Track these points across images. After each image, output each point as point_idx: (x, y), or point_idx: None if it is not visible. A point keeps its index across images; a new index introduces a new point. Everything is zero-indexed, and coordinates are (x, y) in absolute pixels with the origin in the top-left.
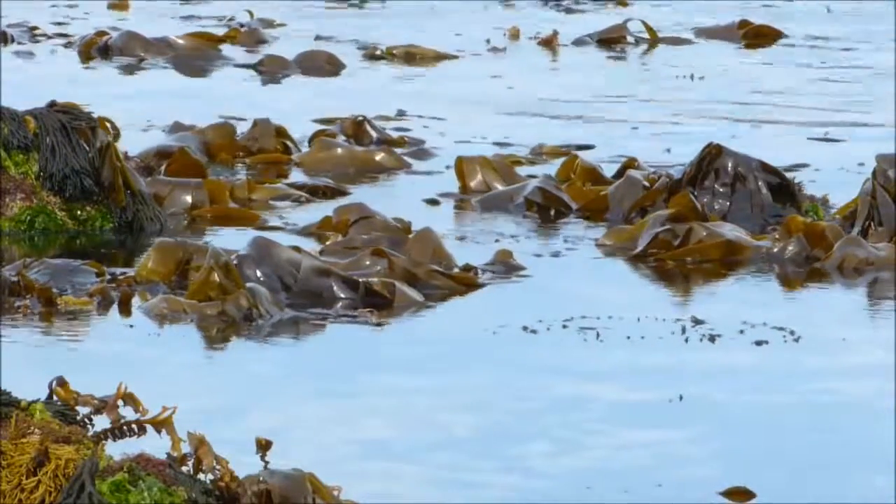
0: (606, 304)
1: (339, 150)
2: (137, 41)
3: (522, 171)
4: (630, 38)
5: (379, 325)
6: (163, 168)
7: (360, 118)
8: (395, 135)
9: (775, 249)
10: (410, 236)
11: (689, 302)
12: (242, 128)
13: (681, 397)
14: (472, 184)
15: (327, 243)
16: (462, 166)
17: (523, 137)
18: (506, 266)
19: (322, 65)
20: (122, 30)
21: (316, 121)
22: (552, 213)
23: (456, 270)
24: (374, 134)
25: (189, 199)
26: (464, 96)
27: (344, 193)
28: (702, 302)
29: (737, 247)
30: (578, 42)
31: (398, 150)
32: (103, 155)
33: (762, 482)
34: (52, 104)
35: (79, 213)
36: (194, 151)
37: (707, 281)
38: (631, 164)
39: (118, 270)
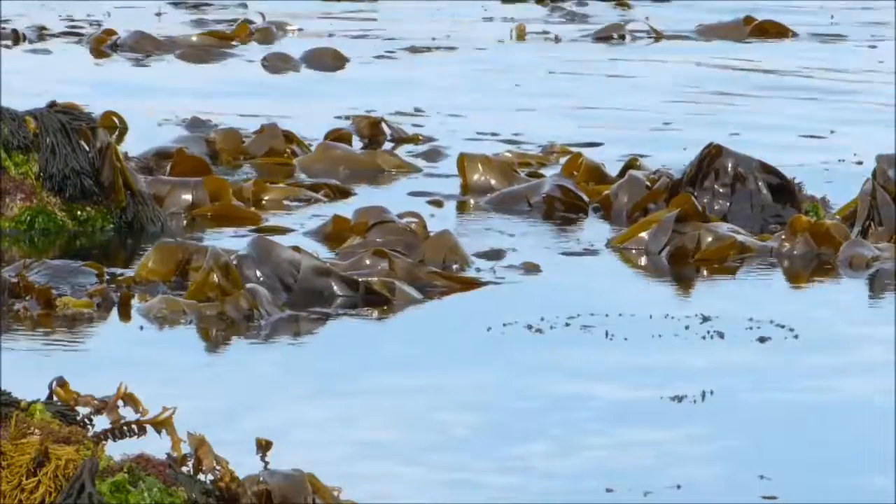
0: (610, 303)
1: (341, 153)
2: (147, 40)
3: (527, 170)
4: (628, 37)
5: (380, 318)
6: (168, 168)
7: (378, 118)
8: (408, 132)
9: (784, 249)
10: (430, 237)
11: (695, 300)
12: (248, 123)
13: (711, 392)
14: (473, 182)
15: (343, 245)
16: (464, 163)
17: (534, 135)
18: (526, 271)
19: (328, 60)
20: (132, 29)
21: (338, 117)
22: (566, 212)
23: (473, 272)
24: (388, 132)
25: (190, 198)
26: (473, 93)
27: (348, 194)
28: (707, 300)
29: (746, 248)
30: (578, 41)
31: (412, 148)
32: (103, 155)
33: (762, 482)
34: (52, 104)
35: (79, 213)
36: (192, 152)
37: (713, 279)
38: (633, 163)
39: (118, 271)
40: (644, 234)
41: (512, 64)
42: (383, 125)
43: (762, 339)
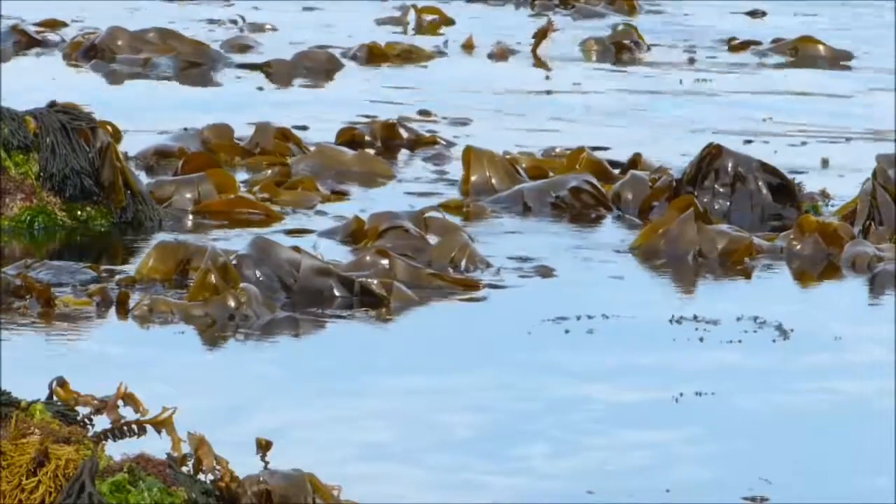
0: (613, 304)
1: (336, 154)
2: (123, 35)
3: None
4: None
5: (380, 319)
6: (179, 166)
7: (393, 121)
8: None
9: (793, 249)
10: (440, 239)
11: (697, 301)
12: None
13: (712, 393)
14: (476, 180)
15: (355, 247)
16: (470, 157)
17: (540, 139)
18: (541, 274)
19: (322, 65)
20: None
21: (350, 122)
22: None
23: (488, 272)
24: (405, 134)
25: (198, 194)
26: (477, 96)
27: (345, 194)
28: (710, 301)
29: (757, 248)
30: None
31: (426, 151)
32: (103, 155)
33: (761, 483)
34: (52, 104)
35: (79, 213)
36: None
37: (716, 280)
38: (637, 159)
39: (118, 269)
40: (661, 236)
41: (510, 72)
42: (399, 128)
43: (760, 341)
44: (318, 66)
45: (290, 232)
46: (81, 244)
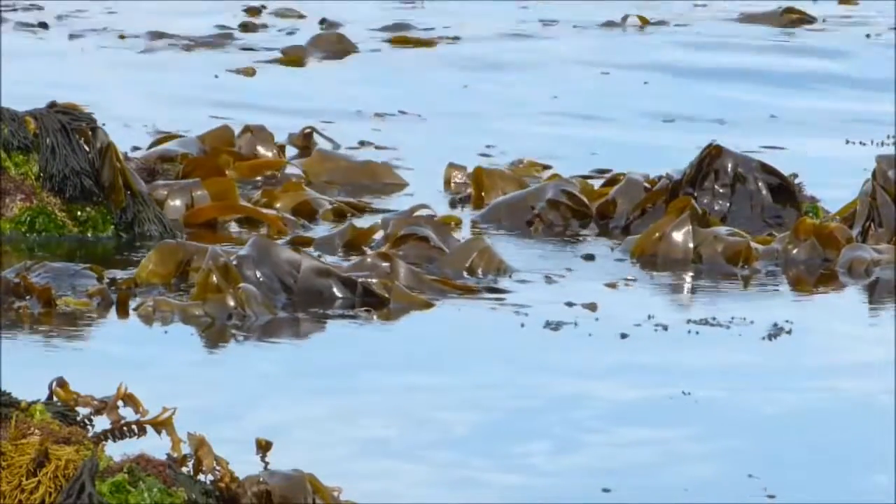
0: (613, 305)
1: (340, 161)
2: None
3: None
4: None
5: (380, 319)
6: (181, 171)
7: (308, 129)
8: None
9: (789, 253)
10: (459, 244)
11: (697, 302)
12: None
13: (708, 393)
14: (492, 200)
15: (368, 253)
16: (482, 178)
17: (512, 145)
18: (542, 278)
19: (334, 47)
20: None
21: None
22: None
23: (509, 277)
24: (326, 143)
25: (193, 202)
26: (461, 95)
27: (363, 209)
28: (710, 301)
29: (755, 252)
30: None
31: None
32: (103, 156)
33: (762, 482)
34: (53, 104)
35: (79, 213)
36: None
37: (711, 282)
38: (618, 178)
39: (119, 272)
40: (661, 241)
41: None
42: (316, 137)
43: (761, 340)
44: (330, 48)
45: (294, 241)
46: (84, 251)
